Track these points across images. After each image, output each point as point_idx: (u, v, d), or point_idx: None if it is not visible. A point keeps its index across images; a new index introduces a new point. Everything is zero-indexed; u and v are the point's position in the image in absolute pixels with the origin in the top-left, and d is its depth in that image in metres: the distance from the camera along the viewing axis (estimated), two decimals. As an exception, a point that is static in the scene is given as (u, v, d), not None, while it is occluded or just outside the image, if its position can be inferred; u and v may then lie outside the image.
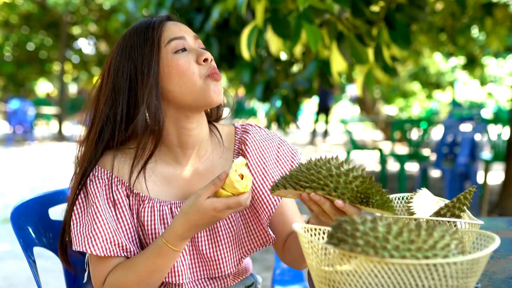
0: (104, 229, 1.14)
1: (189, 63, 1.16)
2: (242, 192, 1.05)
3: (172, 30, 1.19)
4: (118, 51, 1.20)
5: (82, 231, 1.16)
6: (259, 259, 3.75)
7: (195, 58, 1.17)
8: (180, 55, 1.17)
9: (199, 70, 1.16)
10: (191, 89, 1.16)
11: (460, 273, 0.73)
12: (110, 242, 1.14)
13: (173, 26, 1.21)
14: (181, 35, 1.19)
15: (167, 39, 1.18)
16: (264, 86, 4.05)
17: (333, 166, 0.98)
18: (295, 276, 1.75)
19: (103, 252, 1.13)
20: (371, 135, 14.26)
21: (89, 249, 1.13)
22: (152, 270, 1.13)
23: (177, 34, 1.19)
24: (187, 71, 1.16)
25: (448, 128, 5.41)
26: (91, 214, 1.16)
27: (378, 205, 0.96)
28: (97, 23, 14.07)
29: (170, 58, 1.16)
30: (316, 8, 2.45)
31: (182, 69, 1.16)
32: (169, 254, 1.11)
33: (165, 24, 1.20)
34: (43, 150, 10.50)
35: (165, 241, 1.10)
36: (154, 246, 1.12)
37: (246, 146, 1.26)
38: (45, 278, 3.32)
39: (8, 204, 5.54)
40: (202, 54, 1.18)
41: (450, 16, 5.21)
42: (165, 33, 1.18)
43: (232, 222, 1.24)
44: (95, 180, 1.18)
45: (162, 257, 1.11)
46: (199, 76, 1.16)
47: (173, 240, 1.10)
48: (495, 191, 5.96)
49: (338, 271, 0.75)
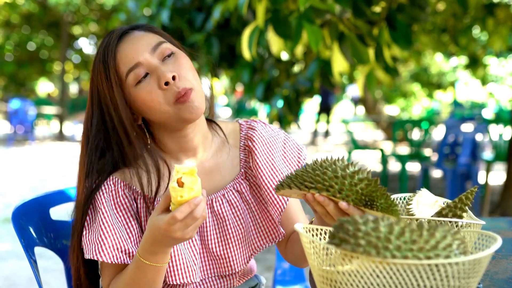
0: (111, 235, 1.14)
1: (152, 94, 1.12)
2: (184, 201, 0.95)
3: (125, 58, 1.13)
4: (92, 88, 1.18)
5: (91, 238, 1.15)
6: (260, 259, 3.75)
7: (157, 84, 1.12)
8: (141, 88, 1.13)
9: (164, 97, 1.12)
10: (165, 116, 1.14)
11: (462, 274, 0.73)
12: (117, 248, 1.13)
13: (126, 49, 1.14)
14: (136, 61, 1.12)
15: (124, 72, 1.13)
16: (265, 86, 4.05)
17: (338, 167, 0.97)
18: (296, 276, 1.75)
19: (110, 259, 1.13)
20: (373, 135, 14.26)
21: (96, 255, 1.13)
22: (135, 282, 1.09)
23: (131, 61, 1.13)
24: (153, 103, 1.12)
25: (450, 128, 5.41)
26: (98, 221, 1.15)
27: (382, 209, 0.96)
28: (98, 22, 14.08)
29: (133, 92, 1.13)
30: (317, 8, 2.45)
31: (147, 102, 1.13)
32: (144, 268, 1.06)
33: (118, 50, 1.14)
34: (44, 150, 10.50)
35: (138, 255, 1.06)
36: (134, 259, 1.09)
37: (253, 142, 1.26)
38: (46, 278, 3.32)
39: (9, 204, 5.55)
40: (161, 77, 1.11)
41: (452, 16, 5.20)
42: (120, 65, 1.13)
43: (241, 220, 1.24)
44: (101, 187, 1.18)
45: (140, 270, 1.07)
46: (166, 104, 1.12)
47: (144, 254, 1.05)
48: (496, 192, 5.95)
49: (339, 271, 0.75)
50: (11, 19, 14.05)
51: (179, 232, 0.98)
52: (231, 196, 1.24)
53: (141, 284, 1.09)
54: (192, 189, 0.94)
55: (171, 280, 1.16)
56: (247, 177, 1.26)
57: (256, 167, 1.24)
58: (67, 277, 1.46)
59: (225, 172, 1.26)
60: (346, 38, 2.64)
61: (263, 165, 1.23)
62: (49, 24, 14.38)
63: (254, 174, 1.24)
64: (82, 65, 15.84)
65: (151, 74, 1.13)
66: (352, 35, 2.64)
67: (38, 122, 13.18)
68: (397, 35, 2.67)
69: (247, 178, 1.26)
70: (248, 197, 1.25)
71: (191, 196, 0.95)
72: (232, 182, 1.25)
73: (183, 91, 1.12)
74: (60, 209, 1.53)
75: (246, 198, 1.25)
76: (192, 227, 0.98)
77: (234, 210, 1.23)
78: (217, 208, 1.22)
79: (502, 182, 5.48)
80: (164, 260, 1.07)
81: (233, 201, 1.24)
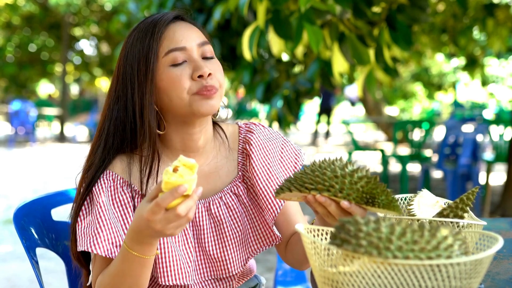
0: (107, 229, 1.14)
1: (182, 79, 1.14)
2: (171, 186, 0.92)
3: (174, 38, 1.16)
4: (122, 55, 1.20)
5: (86, 231, 1.15)
6: (261, 260, 3.75)
7: (190, 72, 1.14)
8: (175, 70, 1.14)
9: (190, 86, 1.14)
10: (180, 103, 1.15)
11: (463, 274, 0.73)
12: (112, 243, 1.14)
13: (177, 30, 1.17)
14: (182, 45, 1.15)
15: (166, 49, 1.15)
16: (265, 87, 4.05)
17: (337, 167, 0.98)
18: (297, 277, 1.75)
19: (105, 252, 1.13)
20: (373, 136, 14.25)
21: (91, 248, 1.13)
22: (121, 275, 1.07)
23: (178, 44, 1.15)
24: (178, 86, 1.14)
25: (450, 129, 5.41)
26: (94, 214, 1.16)
27: (383, 205, 0.96)
28: (99, 24, 14.09)
29: (166, 71, 1.15)
30: (318, 9, 2.45)
31: (174, 83, 1.14)
32: (130, 259, 1.04)
33: (168, 29, 1.17)
34: (45, 151, 10.51)
35: (125, 244, 1.05)
36: (121, 250, 1.07)
37: (250, 146, 1.26)
38: (48, 279, 3.32)
39: (11, 205, 5.55)
40: (198, 69, 1.14)
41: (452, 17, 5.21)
42: (165, 42, 1.15)
43: (238, 222, 1.24)
44: (100, 182, 1.18)
45: (126, 261, 1.05)
46: (187, 92, 1.14)
47: (130, 243, 1.03)
48: (497, 192, 5.95)
49: (341, 271, 0.75)
50: (12, 20, 14.06)
51: (159, 225, 0.95)
52: (228, 199, 1.24)
53: (126, 276, 1.07)
54: (182, 176, 0.91)
55: (163, 281, 1.16)
56: (245, 180, 1.26)
57: (252, 171, 1.24)
58: (69, 278, 1.47)
59: (223, 174, 1.26)
60: (346, 38, 2.64)
61: (259, 169, 1.24)
62: (50, 25, 14.39)
63: (251, 177, 1.25)
64: (83, 66, 15.84)
65: (188, 63, 1.15)
66: (353, 36, 2.64)
67: (39, 123, 13.18)
68: (397, 35, 2.68)
69: (245, 181, 1.26)
70: (246, 200, 1.25)
71: (178, 182, 0.91)
72: (230, 184, 1.25)
73: (210, 87, 1.14)
74: (61, 210, 1.53)
75: (244, 201, 1.25)
76: (174, 224, 0.95)
77: (231, 213, 1.23)
78: (214, 210, 1.22)
79: (503, 182, 5.48)
80: (150, 252, 1.04)
81: (230, 203, 1.24)
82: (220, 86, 1.17)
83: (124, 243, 1.05)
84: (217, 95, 1.16)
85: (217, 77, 1.17)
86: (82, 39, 15.46)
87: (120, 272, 1.07)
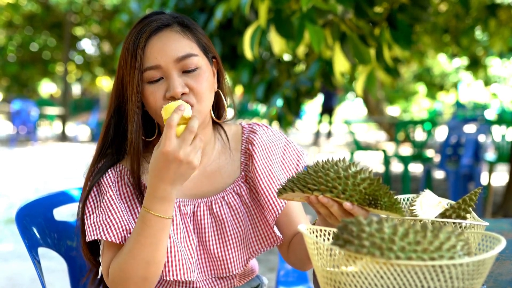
0: (118, 217, 1.15)
1: (155, 98, 1.14)
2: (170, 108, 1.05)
3: (150, 55, 1.14)
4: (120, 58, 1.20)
5: (96, 221, 1.17)
6: (263, 260, 3.75)
7: (163, 92, 1.14)
8: (151, 87, 1.14)
9: (162, 106, 1.13)
10: (157, 119, 1.17)
11: (466, 275, 0.73)
12: (125, 230, 1.15)
13: (155, 45, 1.15)
14: (157, 63, 1.13)
15: (144, 66, 1.14)
16: (265, 86, 4.04)
17: (340, 168, 0.98)
18: (299, 278, 1.75)
19: (119, 239, 1.14)
20: (375, 136, 14.24)
21: (104, 236, 1.13)
22: (138, 246, 1.09)
23: (152, 61, 1.14)
24: (153, 106, 1.15)
25: (452, 129, 5.40)
26: (105, 204, 1.17)
27: (386, 207, 0.96)
28: (101, 23, 14.10)
29: (144, 87, 1.15)
30: (320, 8, 2.45)
31: (149, 102, 1.15)
32: (153, 221, 1.07)
33: (147, 44, 1.15)
34: (46, 151, 10.52)
35: (144, 207, 1.08)
36: (139, 216, 1.10)
37: (253, 146, 1.27)
38: (49, 278, 3.32)
39: (12, 204, 5.56)
40: (170, 89, 1.13)
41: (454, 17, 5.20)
42: (143, 58, 1.14)
43: (240, 222, 1.24)
44: (108, 173, 1.20)
45: (144, 227, 1.08)
46: (161, 112, 1.13)
47: (149, 204, 1.07)
48: (499, 193, 5.94)
49: (343, 272, 0.75)
50: (14, 20, 14.08)
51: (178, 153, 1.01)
52: (230, 199, 1.24)
53: (144, 246, 1.08)
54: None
55: (165, 276, 1.17)
56: (247, 180, 1.27)
57: (254, 171, 1.24)
58: (71, 278, 1.47)
59: (226, 174, 1.27)
60: (348, 38, 2.64)
61: (261, 170, 1.24)
62: (51, 25, 14.40)
63: (253, 177, 1.25)
64: (84, 66, 15.86)
65: (165, 80, 1.15)
66: (354, 36, 2.63)
67: (40, 122, 13.20)
68: (398, 34, 2.67)
69: (247, 182, 1.27)
70: (248, 200, 1.26)
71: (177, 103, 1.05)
72: (232, 184, 1.26)
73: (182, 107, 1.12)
74: (63, 209, 1.53)
75: (246, 201, 1.25)
76: (190, 148, 1.02)
77: (233, 213, 1.24)
78: (216, 210, 1.23)
79: (505, 183, 5.47)
80: (168, 210, 1.08)
81: (232, 203, 1.24)
82: (199, 101, 1.15)
83: (142, 207, 1.08)
84: None
85: (196, 91, 1.15)
86: (84, 39, 15.47)
87: (137, 243, 1.08)
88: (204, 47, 1.21)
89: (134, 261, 1.09)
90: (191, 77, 1.15)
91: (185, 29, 1.19)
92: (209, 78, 1.18)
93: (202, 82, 1.16)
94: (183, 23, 1.20)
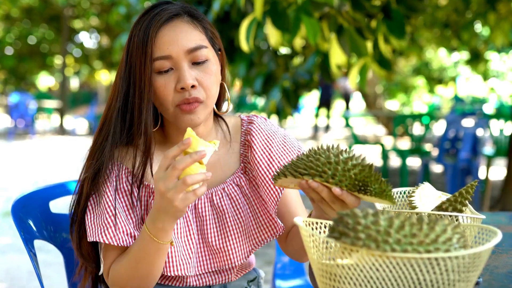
0: (116, 219, 1.15)
1: (165, 90, 1.13)
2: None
3: (160, 45, 1.13)
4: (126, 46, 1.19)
5: (95, 221, 1.17)
6: (260, 254, 3.75)
7: (174, 83, 1.14)
8: (160, 78, 1.14)
9: (173, 98, 1.14)
10: (165, 112, 1.17)
11: (461, 267, 0.73)
12: (122, 231, 1.15)
13: (166, 35, 1.14)
14: (167, 53, 1.13)
15: (154, 56, 1.13)
16: (263, 79, 4.03)
17: (332, 154, 0.98)
18: (296, 271, 1.75)
19: (115, 241, 1.14)
20: (373, 129, 14.25)
21: (101, 238, 1.14)
22: (137, 261, 1.11)
23: (163, 51, 1.13)
24: (162, 97, 1.14)
25: (450, 123, 5.40)
26: (102, 204, 1.17)
27: (376, 194, 0.95)
28: (99, 16, 14.05)
29: (154, 77, 1.15)
30: (316, 1, 2.44)
31: (159, 93, 1.14)
32: (147, 242, 1.08)
33: (158, 34, 1.14)
34: (44, 144, 10.51)
35: (145, 225, 1.08)
36: (141, 234, 1.11)
37: (252, 136, 1.26)
38: (46, 271, 3.33)
39: (10, 197, 5.55)
40: (181, 80, 1.13)
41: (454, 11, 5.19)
42: (154, 48, 1.13)
43: (241, 214, 1.24)
44: (106, 172, 1.19)
45: (143, 245, 1.09)
46: (171, 104, 1.14)
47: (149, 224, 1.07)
48: (497, 187, 5.95)
49: (339, 264, 0.75)
50: (12, 12, 14.02)
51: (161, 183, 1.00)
52: (231, 190, 1.24)
53: (141, 263, 1.11)
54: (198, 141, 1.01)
55: (164, 271, 1.17)
56: (247, 172, 1.27)
57: (253, 159, 1.24)
58: (67, 270, 1.47)
59: (226, 166, 1.27)
60: (344, 31, 2.62)
61: (260, 156, 1.24)
62: (49, 18, 14.35)
63: (252, 167, 1.25)
64: (82, 59, 15.82)
65: (175, 71, 1.14)
66: (351, 28, 2.62)
67: (38, 116, 13.18)
68: (392, 24, 2.65)
69: (247, 173, 1.27)
70: (248, 191, 1.25)
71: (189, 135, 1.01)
72: (232, 176, 1.25)
73: (192, 100, 1.13)
74: (60, 202, 1.53)
75: (246, 192, 1.25)
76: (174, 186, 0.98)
77: (233, 204, 1.24)
78: (216, 201, 1.23)
79: (503, 177, 5.48)
80: (165, 237, 1.07)
81: (232, 194, 1.24)
82: (208, 96, 1.15)
83: (144, 224, 1.08)
84: (199, 109, 1.15)
85: (205, 86, 1.15)
86: (82, 32, 15.43)
87: (136, 258, 1.11)
88: (212, 39, 1.21)
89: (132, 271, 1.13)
90: (201, 70, 1.15)
91: (194, 19, 1.19)
92: (217, 71, 1.19)
93: (210, 76, 1.16)
94: (193, 13, 1.20)
